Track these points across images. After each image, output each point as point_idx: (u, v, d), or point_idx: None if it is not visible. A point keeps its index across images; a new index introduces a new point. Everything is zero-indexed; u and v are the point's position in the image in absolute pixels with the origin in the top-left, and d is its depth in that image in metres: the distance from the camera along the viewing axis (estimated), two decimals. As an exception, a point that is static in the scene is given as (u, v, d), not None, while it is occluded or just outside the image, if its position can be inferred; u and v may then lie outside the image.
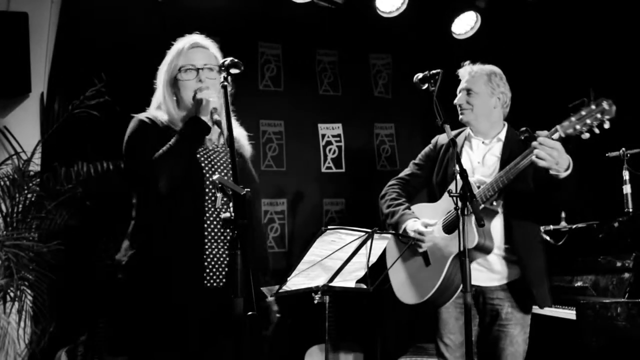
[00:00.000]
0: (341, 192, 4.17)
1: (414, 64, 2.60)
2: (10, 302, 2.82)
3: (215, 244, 1.88)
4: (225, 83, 1.78)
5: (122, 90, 3.10)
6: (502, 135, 2.59)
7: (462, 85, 2.63)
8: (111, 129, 2.24)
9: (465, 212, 1.93)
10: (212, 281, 1.86)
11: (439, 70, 2.18)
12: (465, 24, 3.81)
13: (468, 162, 2.56)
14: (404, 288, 2.53)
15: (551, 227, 3.22)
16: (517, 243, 2.34)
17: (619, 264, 2.66)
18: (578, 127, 2.15)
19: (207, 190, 1.90)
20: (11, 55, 3.02)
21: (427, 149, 2.75)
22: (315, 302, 2.00)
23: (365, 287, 2.06)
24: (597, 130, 2.15)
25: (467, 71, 2.64)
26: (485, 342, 2.45)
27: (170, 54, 2.02)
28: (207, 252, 1.86)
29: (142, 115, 1.97)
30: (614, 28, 3.73)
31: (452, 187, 2.14)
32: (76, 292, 3.12)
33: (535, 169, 2.20)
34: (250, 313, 1.52)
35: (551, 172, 2.14)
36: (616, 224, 2.81)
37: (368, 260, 1.94)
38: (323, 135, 4.03)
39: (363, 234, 1.86)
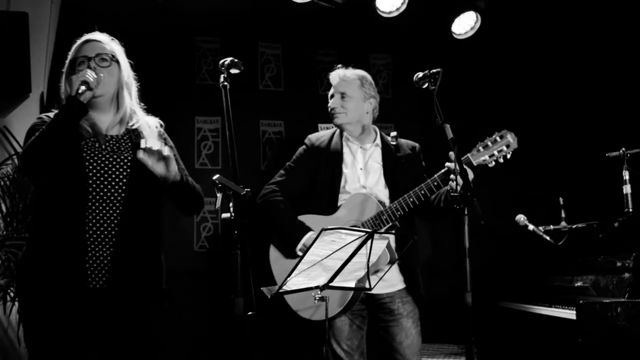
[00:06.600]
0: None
1: (414, 64, 2.59)
2: (10, 302, 2.82)
3: (99, 245, 1.86)
4: (225, 83, 1.79)
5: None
6: (379, 140, 2.66)
7: (334, 89, 2.66)
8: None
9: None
10: (94, 282, 1.85)
11: (439, 70, 2.19)
12: (465, 24, 3.81)
13: (352, 167, 2.58)
14: (306, 302, 2.37)
15: (551, 227, 3.22)
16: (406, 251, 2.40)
17: (619, 264, 2.66)
18: (487, 157, 2.30)
19: (89, 188, 1.86)
20: (11, 55, 3.01)
21: (301, 150, 2.70)
22: (316, 302, 2.00)
23: (366, 287, 2.06)
24: (501, 161, 2.30)
25: (338, 75, 2.67)
26: (382, 341, 2.52)
27: (70, 52, 2.03)
28: (89, 254, 1.85)
29: (42, 115, 2.00)
30: (613, 27, 3.73)
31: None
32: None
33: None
34: (250, 313, 1.52)
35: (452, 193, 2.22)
36: (616, 224, 2.81)
37: (368, 260, 1.94)
38: (323, 135, 4.03)
39: (363, 234, 1.86)
